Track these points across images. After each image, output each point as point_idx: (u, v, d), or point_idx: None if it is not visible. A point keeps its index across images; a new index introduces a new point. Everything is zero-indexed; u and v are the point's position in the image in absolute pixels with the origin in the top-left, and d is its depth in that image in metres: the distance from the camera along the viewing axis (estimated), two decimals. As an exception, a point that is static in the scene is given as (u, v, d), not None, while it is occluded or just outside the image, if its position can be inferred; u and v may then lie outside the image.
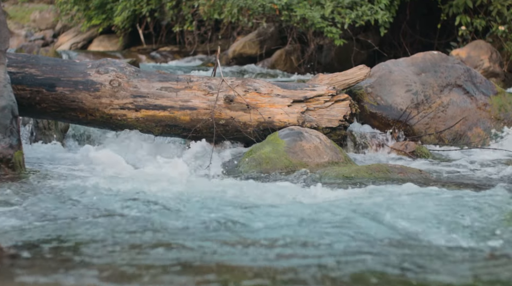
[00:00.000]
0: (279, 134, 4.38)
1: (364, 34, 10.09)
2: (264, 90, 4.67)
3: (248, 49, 10.58)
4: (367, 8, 8.93)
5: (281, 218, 2.85)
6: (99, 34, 13.29)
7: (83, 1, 12.77)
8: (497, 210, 3.02)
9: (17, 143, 3.73)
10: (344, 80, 5.00)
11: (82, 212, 2.99)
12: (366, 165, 4.10)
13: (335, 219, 2.84)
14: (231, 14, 9.88)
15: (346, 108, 4.70)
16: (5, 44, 3.88)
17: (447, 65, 5.41)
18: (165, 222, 2.81)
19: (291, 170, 4.08)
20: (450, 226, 2.77)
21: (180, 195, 3.26)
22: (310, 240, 2.55)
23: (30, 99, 4.42)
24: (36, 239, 2.60)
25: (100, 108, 4.50)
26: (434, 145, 5.04)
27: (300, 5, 8.97)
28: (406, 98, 5.19)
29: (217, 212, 2.93)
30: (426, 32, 10.06)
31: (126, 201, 3.17)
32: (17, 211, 3.01)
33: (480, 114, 5.27)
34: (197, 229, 2.71)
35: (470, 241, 2.60)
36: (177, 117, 4.56)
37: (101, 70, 4.54)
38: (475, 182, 3.91)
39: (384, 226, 2.76)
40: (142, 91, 4.55)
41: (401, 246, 2.52)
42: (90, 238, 2.62)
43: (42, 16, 15.62)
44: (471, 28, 9.10)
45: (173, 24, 12.05)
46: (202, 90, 4.62)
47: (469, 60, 8.35)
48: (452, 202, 3.14)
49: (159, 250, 2.45)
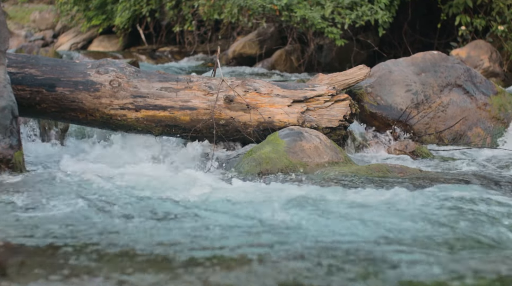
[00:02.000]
0: (279, 134, 4.38)
1: (364, 34, 10.09)
2: (264, 90, 4.67)
3: (248, 49, 10.57)
4: (367, 8, 8.93)
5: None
6: (99, 34, 13.29)
7: (83, 2, 12.77)
8: (497, 209, 3.02)
9: (17, 144, 3.73)
10: (344, 80, 5.00)
11: (83, 212, 2.99)
12: (366, 165, 4.10)
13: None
14: (231, 14, 9.88)
15: (346, 108, 4.70)
16: (5, 44, 3.88)
17: (447, 65, 5.41)
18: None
19: (291, 170, 4.07)
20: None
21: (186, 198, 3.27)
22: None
23: (30, 99, 4.42)
24: (37, 239, 2.60)
25: (100, 108, 4.50)
26: (435, 145, 5.04)
27: (300, 5, 8.97)
28: (406, 98, 5.19)
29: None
30: (426, 32, 10.06)
31: (125, 201, 3.18)
32: (17, 210, 3.01)
33: (480, 114, 5.27)
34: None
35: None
36: (177, 117, 4.56)
37: (101, 70, 4.54)
38: (475, 182, 3.91)
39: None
40: (142, 91, 4.54)
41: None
42: (90, 238, 2.62)
43: (42, 17, 15.62)
44: (471, 28, 9.09)
45: (173, 24, 12.05)
46: (202, 90, 4.62)
47: (469, 60, 8.35)
48: (452, 202, 3.15)
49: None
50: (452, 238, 2.67)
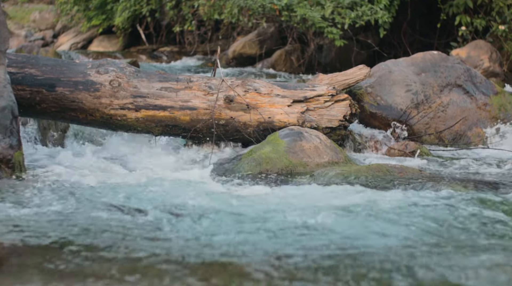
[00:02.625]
0: (279, 134, 4.38)
1: (364, 34, 10.09)
2: (264, 90, 4.67)
3: (248, 49, 10.57)
4: (367, 8, 8.93)
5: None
6: (99, 34, 13.28)
7: (83, 2, 12.76)
8: (498, 209, 3.02)
9: (17, 144, 3.73)
10: (344, 80, 5.00)
11: (83, 212, 2.99)
12: (366, 165, 4.10)
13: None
14: (231, 14, 9.88)
15: (346, 108, 4.70)
16: (5, 44, 3.88)
17: (447, 65, 5.41)
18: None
19: (291, 170, 4.07)
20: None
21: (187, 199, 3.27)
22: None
23: (30, 99, 4.42)
24: (37, 239, 2.60)
25: (100, 108, 4.50)
26: (435, 145, 5.04)
27: (301, 5, 8.97)
28: (406, 98, 5.19)
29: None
30: (426, 32, 10.06)
31: (123, 199, 3.18)
32: (17, 211, 3.01)
33: (480, 114, 5.27)
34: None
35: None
36: (177, 117, 4.56)
37: (101, 70, 4.54)
38: (475, 182, 3.91)
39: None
40: (142, 91, 4.55)
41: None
42: (88, 239, 2.62)
43: (42, 17, 15.61)
44: (471, 28, 9.09)
45: (173, 24, 12.05)
46: (202, 90, 4.62)
47: (469, 60, 8.35)
48: (452, 202, 3.15)
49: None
50: (452, 238, 2.67)
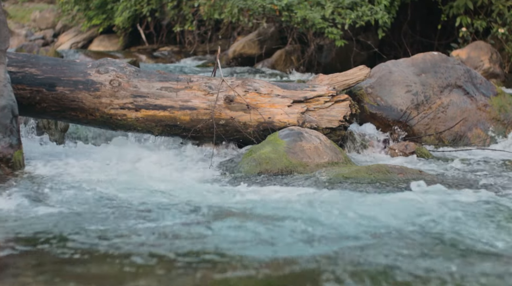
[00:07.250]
0: (279, 135, 4.38)
1: (364, 35, 10.09)
2: (264, 90, 4.67)
3: (248, 49, 10.57)
4: (367, 9, 8.93)
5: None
6: (99, 34, 13.29)
7: (83, 1, 12.77)
8: (498, 209, 3.02)
9: (17, 143, 3.74)
10: (344, 81, 5.00)
11: (83, 212, 2.99)
12: (366, 166, 4.10)
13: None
14: (231, 14, 9.88)
15: (346, 108, 4.70)
16: (5, 43, 3.88)
17: (447, 65, 5.41)
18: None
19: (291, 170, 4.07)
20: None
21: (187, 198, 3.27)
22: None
23: (30, 98, 4.42)
24: (37, 239, 2.60)
25: (100, 108, 4.50)
26: (435, 146, 5.04)
27: (301, 5, 8.97)
28: (406, 99, 5.19)
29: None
30: (426, 32, 10.06)
31: (121, 198, 3.18)
32: (17, 210, 3.01)
33: (480, 115, 5.27)
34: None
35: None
36: (177, 117, 4.56)
37: (101, 70, 4.54)
38: (475, 182, 3.91)
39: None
40: (142, 91, 4.55)
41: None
42: (89, 238, 2.62)
43: (42, 16, 15.61)
44: (471, 29, 9.09)
45: (173, 24, 12.05)
46: (202, 90, 4.62)
47: (469, 61, 8.35)
48: (452, 202, 3.15)
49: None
50: (452, 239, 2.67)
